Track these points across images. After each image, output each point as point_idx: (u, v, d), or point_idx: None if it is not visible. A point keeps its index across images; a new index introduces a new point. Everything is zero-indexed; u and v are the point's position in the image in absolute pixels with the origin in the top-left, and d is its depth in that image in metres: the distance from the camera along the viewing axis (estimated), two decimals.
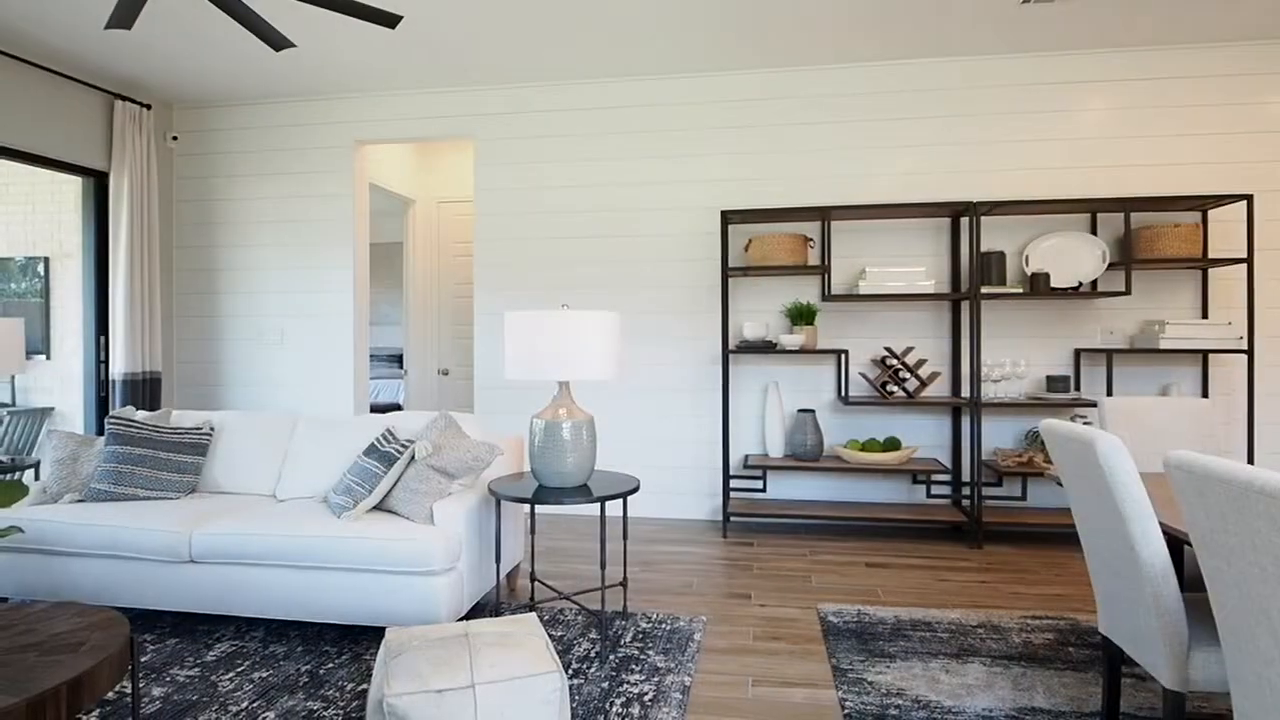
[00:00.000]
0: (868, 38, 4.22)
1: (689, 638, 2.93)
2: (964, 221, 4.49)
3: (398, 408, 7.00)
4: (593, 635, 2.95)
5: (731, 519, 4.70)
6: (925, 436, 4.58)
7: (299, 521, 2.91)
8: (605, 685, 2.53)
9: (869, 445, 4.35)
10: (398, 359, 8.30)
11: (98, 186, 5.00)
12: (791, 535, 4.42)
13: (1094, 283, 4.31)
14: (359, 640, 2.91)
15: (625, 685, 2.53)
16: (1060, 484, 2.55)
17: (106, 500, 3.17)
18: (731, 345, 4.65)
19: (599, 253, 4.89)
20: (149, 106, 5.07)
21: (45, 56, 4.45)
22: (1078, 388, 4.40)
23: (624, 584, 3.12)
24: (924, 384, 4.33)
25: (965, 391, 4.47)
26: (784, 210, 4.33)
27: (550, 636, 2.94)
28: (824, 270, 4.32)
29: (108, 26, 3.04)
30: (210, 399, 5.39)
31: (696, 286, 4.79)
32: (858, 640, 2.89)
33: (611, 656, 2.75)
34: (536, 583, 3.47)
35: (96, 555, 2.99)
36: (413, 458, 3.06)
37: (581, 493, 2.83)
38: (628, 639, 2.91)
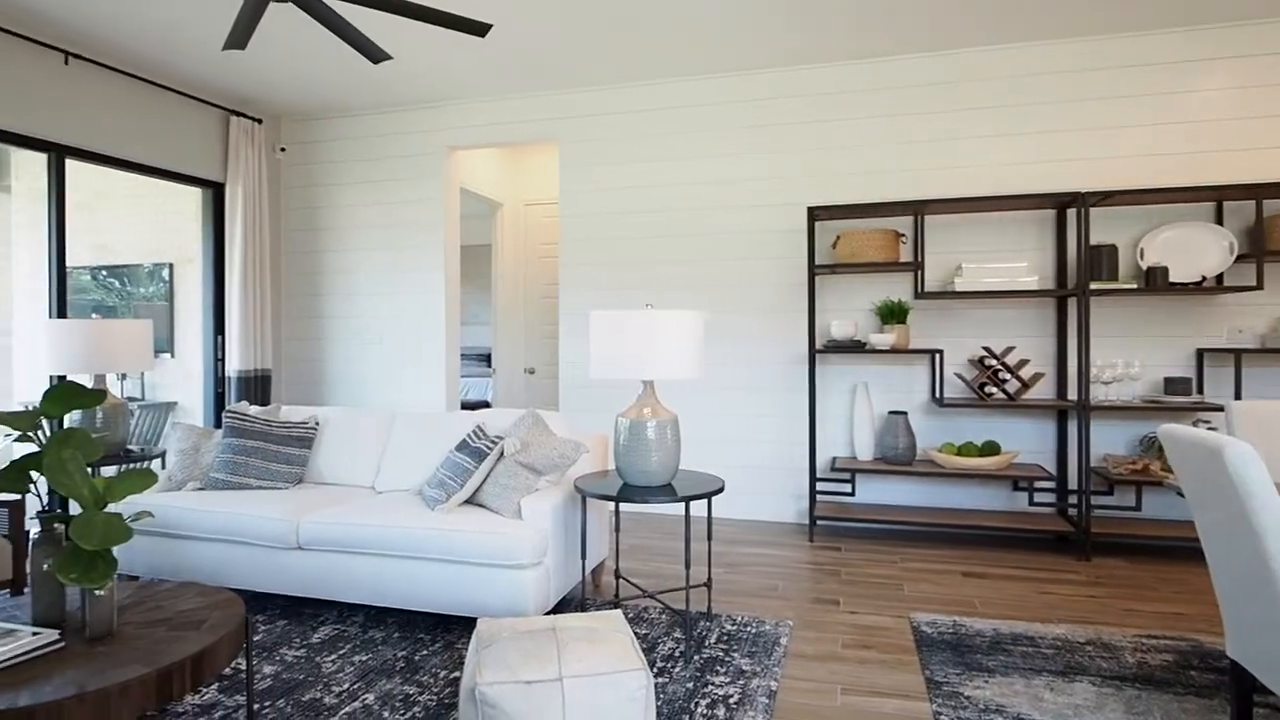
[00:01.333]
0: (963, 22, 4.05)
1: (775, 642, 2.88)
2: (1070, 213, 4.24)
3: (486, 405, 7.20)
4: (676, 635, 2.95)
5: (818, 522, 4.60)
6: (1027, 441, 4.35)
7: (396, 513, 3.03)
8: (690, 686, 2.52)
9: (965, 449, 4.17)
10: (486, 358, 8.54)
11: (215, 197, 5.36)
12: (881, 541, 4.29)
13: (1219, 277, 3.99)
14: (451, 629, 3.00)
15: (710, 687, 2.51)
16: (1181, 494, 2.38)
17: (223, 489, 3.39)
18: (818, 344, 4.55)
19: (682, 252, 4.88)
20: (260, 121, 5.39)
21: (170, 78, 4.81)
22: (1200, 390, 4.08)
23: (708, 585, 3.11)
24: (1026, 386, 4.11)
25: (1072, 394, 4.23)
26: (874, 205, 4.21)
27: (635, 634, 2.95)
28: (917, 267, 4.17)
29: (225, 48, 3.24)
30: (314, 395, 5.68)
31: (781, 284, 4.71)
32: (953, 652, 2.78)
33: (696, 657, 2.74)
34: (621, 580, 3.49)
35: (215, 539, 3.20)
36: (502, 454, 3.13)
37: (666, 492, 2.83)
38: (712, 640, 2.89)
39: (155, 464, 4.60)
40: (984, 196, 4.02)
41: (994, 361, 4.20)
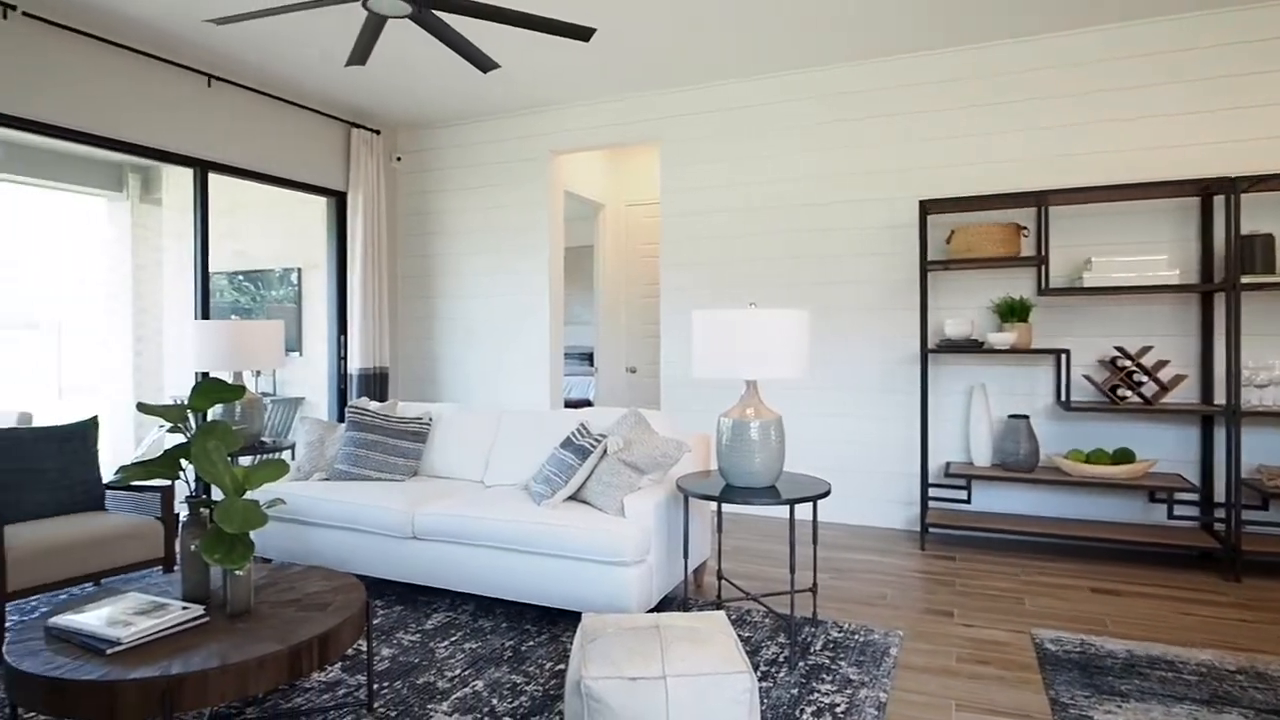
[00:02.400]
0: (1085, 1, 3.77)
1: (884, 652, 2.78)
2: (1217, 201, 3.88)
3: (588, 404, 7.32)
4: (781, 639, 2.89)
5: (930, 530, 4.41)
6: (1165, 449, 4.01)
7: (505, 507, 3.12)
8: (794, 692, 2.46)
9: (1095, 456, 3.89)
10: (588, 357, 8.67)
11: (338, 205, 5.69)
12: (1000, 551, 4.06)
13: None
14: (556, 622, 3.06)
15: (816, 694, 2.45)
16: None
17: (346, 479, 3.60)
18: (931, 344, 4.36)
19: (784, 249, 4.79)
20: (378, 132, 5.69)
21: (298, 95, 5.14)
22: None
23: (813, 590, 3.03)
24: (1164, 389, 3.79)
25: (1219, 398, 3.87)
26: (992, 197, 3.99)
27: (738, 636, 2.92)
28: (1040, 261, 3.92)
29: (348, 64, 3.44)
30: (427, 392, 5.94)
31: (887, 282, 4.55)
32: (1081, 673, 2.59)
33: (801, 663, 2.68)
34: (723, 581, 3.46)
35: (338, 527, 3.40)
36: (605, 452, 3.17)
37: (769, 494, 2.79)
38: (817, 647, 2.82)
39: (285, 455, 4.93)
40: (1117, 185, 3.74)
41: (1128, 362, 3.90)
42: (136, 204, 7.48)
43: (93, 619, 2.05)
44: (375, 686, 2.50)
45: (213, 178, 4.82)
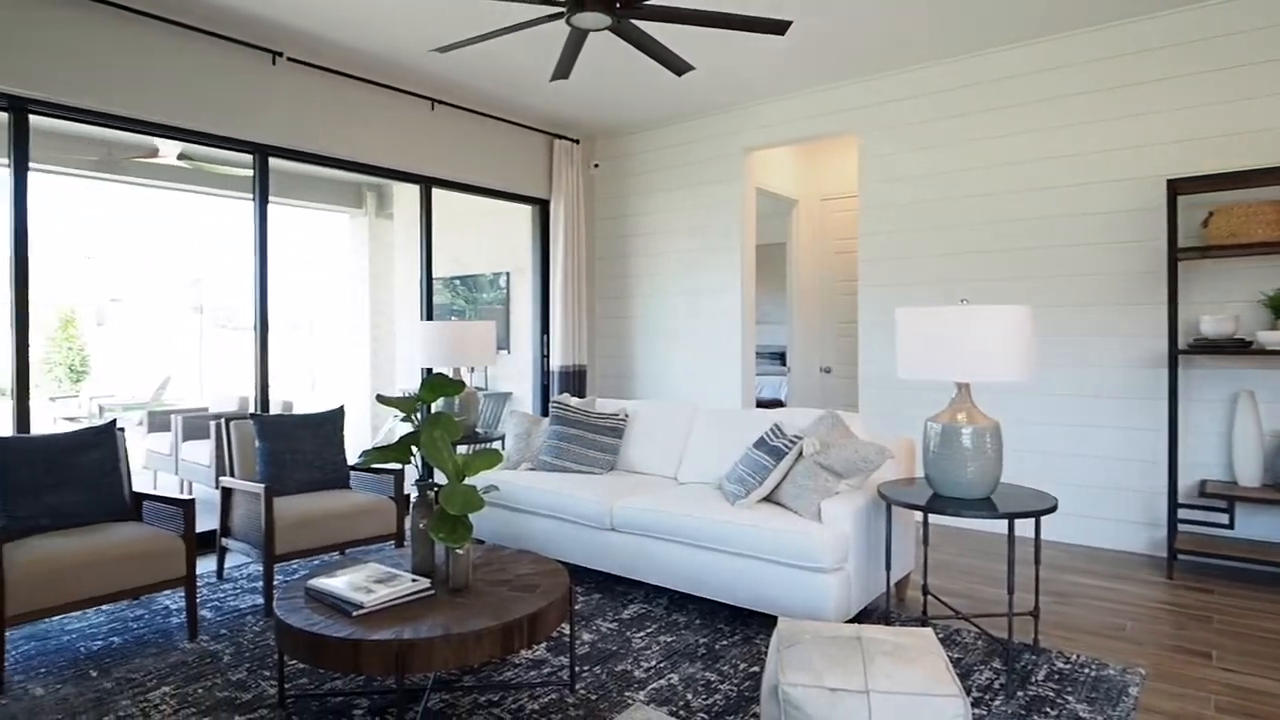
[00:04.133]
0: None
1: (1121, 690, 2.46)
2: None
3: (780, 404, 7.19)
4: (995, 665, 2.66)
5: (1179, 557, 3.84)
6: None
7: (698, 504, 3.14)
8: None
9: None
10: (779, 356, 8.53)
11: (541, 212, 6.06)
12: (1272, 588, 3.46)
13: None
14: (748, 623, 3.03)
15: None
16: None
17: (549, 470, 3.81)
18: (1181, 344, 3.80)
19: (998, 241, 4.40)
20: (577, 141, 5.98)
21: (506, 111, 5.52)
22: None
23: (1034, 614, 2.75)
24: None
25: None
26: (1263, 171, 3.39)
27: (948, 657, 2.72)
28: None
29: (553, 79, 3.63)
30: (622, 389, 6.15)
31: (1128, 274, 4.02)
32: None
33: (1020, 693, 2.44)
34: (929, 597, 3.25)
35: (543, 515, 3.61)
36: (800, 453, 3.09)
37: (984, 506, 2.57)
38: (1039, 676, 2.56)
39: (495, 445, 5.33)
40: None
41: None
42: (373, 218, 8.46)
43: (341, 584, 2.33)
44: (577, 669, 2.62)
45: (435, 192, 5.32)
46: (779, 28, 3.01)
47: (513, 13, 3.86)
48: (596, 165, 6.28)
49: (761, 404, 7.41)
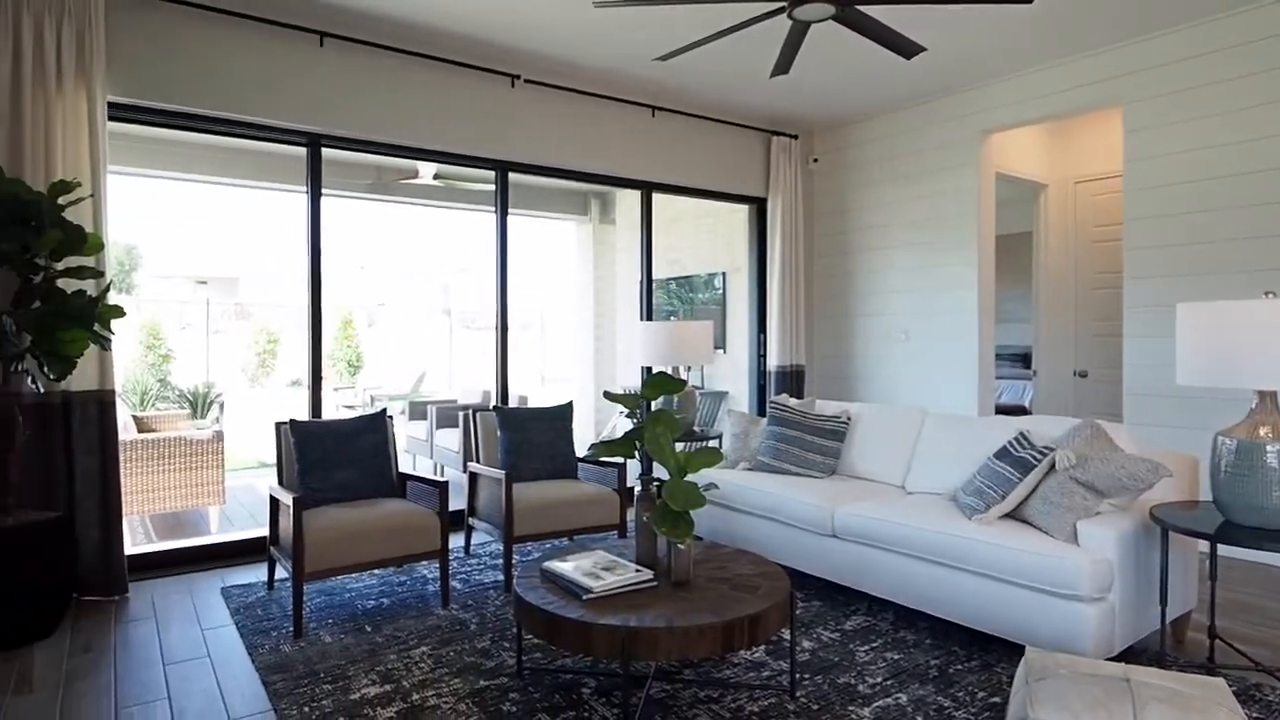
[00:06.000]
0: None
1: None
2: None
3: (1023, 411, 6.53)
4: None
5: None
6: None
7: (930, 516, 2.93)
8: None
9: None
10: (1021, 358, 7.75)
11: (758, 211, 6.01)
12: None
13: None
14: (988, 649, 2.78)
15: None
16: None
17: (767, 471, 3.76)
18: None
19: None
20: (795, 136, 5.85)
21: (723, 112, 5.54)
22: None
23: None
24: None
25: None
26: None
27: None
28: None
29: (773, 75, 3.58)
30: (842, 390, 5.93)
31: None
32: None
33: None
34: (1217, 641, 2.76)
35: (760, 516, 3.57)
36: (1052, 467, 2.77)
37: None
38: None
39: (712, 443, 5.38)
40: None
41: None
42: (597, 224, 8.93)
43: (572, 568, 2.47)
44: (797, 676, 2.55)
45: (655, 196, 5.48)
46: None
47: (732, 13, 3.86)
48: (815, 160, 6.11)
49: (1001, 410, 6.77)
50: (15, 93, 3.16)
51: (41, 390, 3.21)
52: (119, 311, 3.18)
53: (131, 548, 3.71)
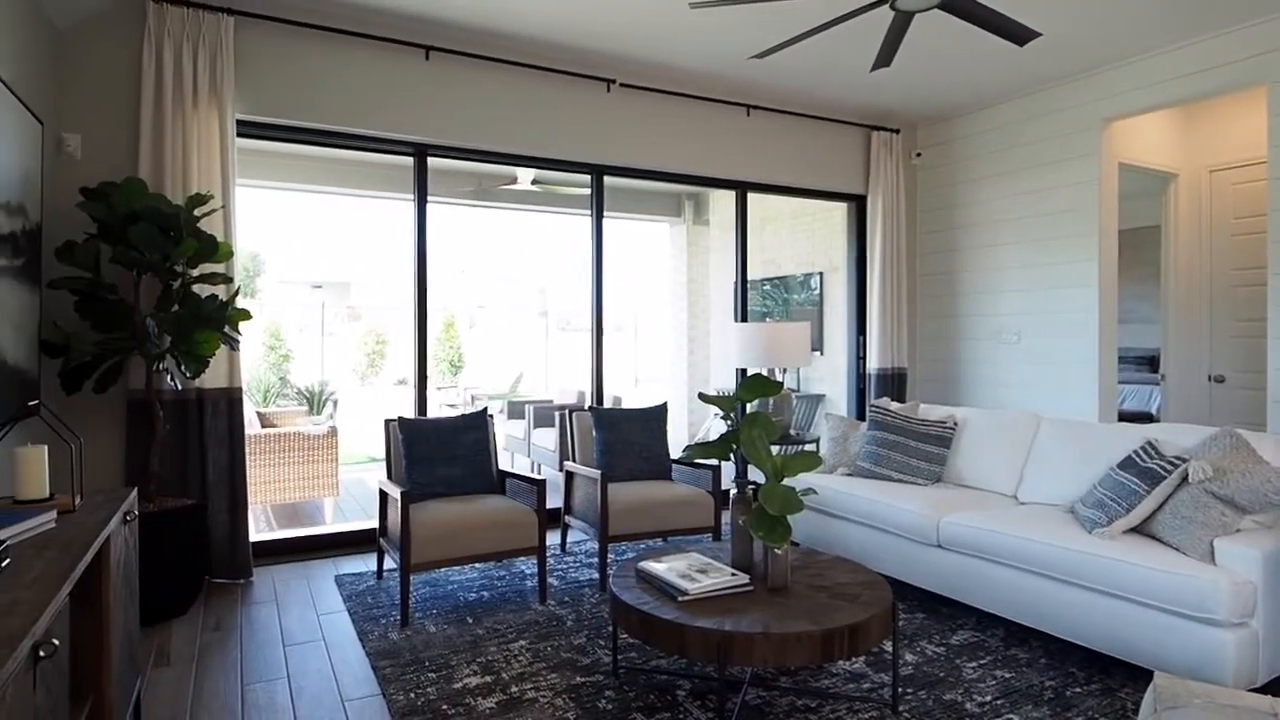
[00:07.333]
0: None
1: None
2: None
3: (1149, 417, 6.08)
4: None
5: None
6: None
7: (1045, 528, 2.77)
8: None
9: None
10: (1147, 361, 7.21)
11: (857, 209, 5.84)
12: None
13: None
14: (1110, 672, 2.59)
15: None
16: None
17: (867, 477, 3.65)
18: None
19: None
20: (897, 131, 5.65)
21: (820, 108, 5.42)
22: None
23: None
24: None
25: None
26: None
27: None
28: None
29: (874, 69, 3.46)
30: (947, 394, 5.68)
31: None
32: None
33: None
34: None
35: (860, 523, 3.47)
36: (1184, 479, 2.56)
37: None
38: None
39: (809, 448, 5.27)
40: None
41: None
42: (690, 225, 8.91)
43: (666, 569, 2.46)
44: (899, 689, 2.46)
45: (749, 196, 5.42)
46: None
47: (831, 6, 3.77)
48: (919, 154, 5.88)
49: (1124, 416, 6.32)
50: (157, 114, 3.45)
51: (179, 387, 3.49)
52: (246, 315, 3.42)
53: (255, 535, 3.98)
